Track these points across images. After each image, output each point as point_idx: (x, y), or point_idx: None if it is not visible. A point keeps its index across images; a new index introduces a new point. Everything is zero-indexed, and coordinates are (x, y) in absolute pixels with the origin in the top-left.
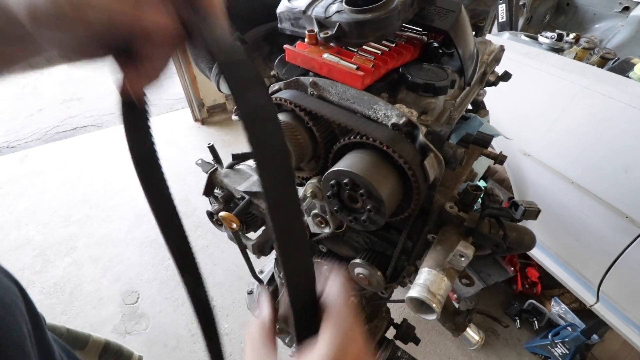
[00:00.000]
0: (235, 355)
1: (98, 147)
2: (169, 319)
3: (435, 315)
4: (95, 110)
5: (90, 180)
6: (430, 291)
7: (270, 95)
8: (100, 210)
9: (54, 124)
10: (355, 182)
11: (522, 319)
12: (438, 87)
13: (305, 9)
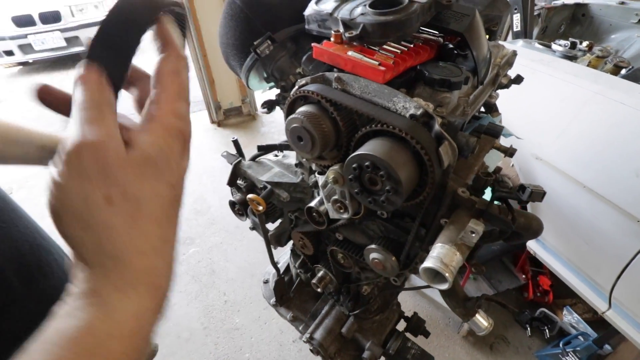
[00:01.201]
0: (245, 350)
1: None
2: (183, 312)
3: (447, 284)
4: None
5: None
6: (443, 262)
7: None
8: None
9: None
10: (376, 164)
11: (532, 327)
12: (453, 82)
13: (331, 11)
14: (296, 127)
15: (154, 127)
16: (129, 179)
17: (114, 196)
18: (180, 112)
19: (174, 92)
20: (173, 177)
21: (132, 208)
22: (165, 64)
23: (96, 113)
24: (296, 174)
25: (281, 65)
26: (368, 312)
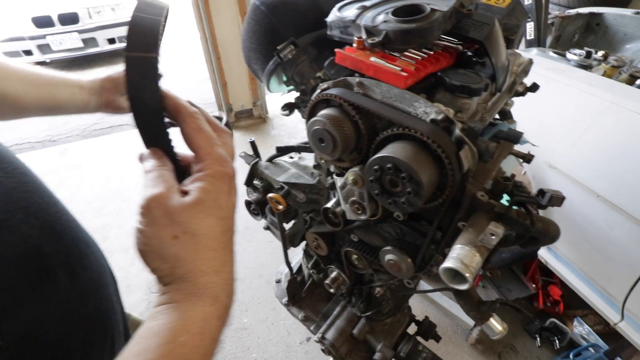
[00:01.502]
0: (252, 350)
1: (132, 145)
2: None
3: (467, 284)
4: None
5: (123, 175)
6: (463, 263)
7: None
8: (132, 203)
9: (93, 121)
10: (398, 166)
11: (542, 337)
12: (473, 88)
13: (354, 18)
14: (318, 130)
15: (202, 176)
16: (186, 219)
17: (178, 234)
18: (219, 158)
19: (206, 145)
20: (222, 212)
21: (192, 241)
22: (187, 127)
23: (158, 177)
24: (312, 175)
25: (302, 69)
26: (380, 314)
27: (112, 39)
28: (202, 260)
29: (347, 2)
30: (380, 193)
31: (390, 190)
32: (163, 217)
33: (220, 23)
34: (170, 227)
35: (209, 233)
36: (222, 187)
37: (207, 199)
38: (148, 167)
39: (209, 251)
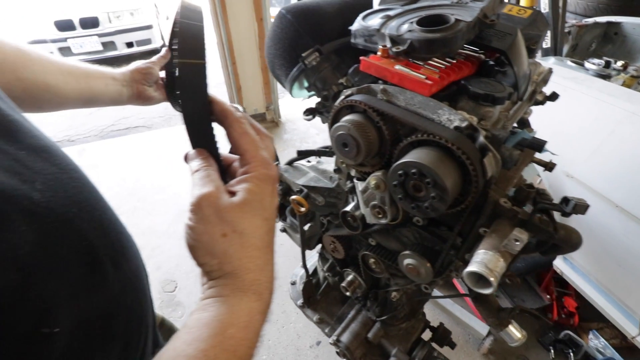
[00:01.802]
0: (262, 352)
1: (148, 146)
2: None
3: (491, 288)
4: (147, 112)
5: (138, 175)
6: (487, 267)
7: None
8: (147, 203)
9: (110, 122)
10: (422, 172)
11: (556, 349)
12: (497, 97)
13: (379, 27)
14: (342, 135)
15: (248, 178)
16: (234, 219)
17: (227, 232)
18: (263, 160)
19: (252, 148)
20: (267, 213)
21: (240, 240)
22: (233, 131)
23: (206, 177)
24: (331, 179)
25: (324, 75)
26: (395, 318)
27: (130, 42)
28: (248, 258)
29: (371, 12)
30: (404, 197)
31: (414, 195)
32: (213, 215)
33: (237, 29)
34: (220, 225)
35: (255, 232)
36: (266, 188)
37: (253, 200)
38: (195, 166)
39: (254, 250)
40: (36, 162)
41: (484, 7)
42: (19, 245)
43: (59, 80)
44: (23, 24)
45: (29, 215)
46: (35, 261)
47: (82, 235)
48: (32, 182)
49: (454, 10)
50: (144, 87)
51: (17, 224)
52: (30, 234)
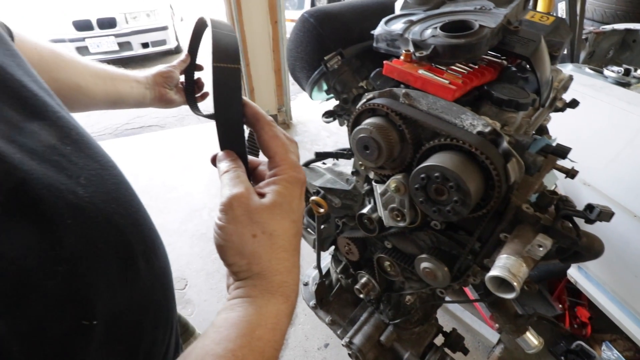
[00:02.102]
0: None
1: (161, 145)
2: (213, 309)
3: (514, 293)
4: (161, 112)
5: (151, 174)
6: (510, 272)
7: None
8: (159, 202)
9: (125, 121)
10: (446, 176)
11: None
12: (521, 103)
13: (402, 32)
14: (364, 137)
15: (278, 180)
16: (265, 220)
17: (257, 233)
18: (293, 163)
19: (282, 151)
20: (295, 215)
21: (269, 241)
22: (264, 133)
23: (236, 177)
24: (347, 181)
25: (344, 79)
26: (408, 322)
27: (145, 43)
28: (277, 259)
29: (393, 16)
30: (425, 201)
31: (435, 198)
32: (244, 215)
33: (251, 31)
34: (250, 226)
35: (284, 235)
36: (295, 191)
37: (282, 202)
38: (224, 167)
39: (282, 252)
40: (80, 158)
41: (508, 13)
42: (65, 238)
43: (89, 81)
44: (42, 24)
45: (74, 209)
46: (79, 254)
47: (120, 230)
48: (77, 177)
49: (477, 16)
50: (166, 90)
51: (64, 217)
52: (75, 227)
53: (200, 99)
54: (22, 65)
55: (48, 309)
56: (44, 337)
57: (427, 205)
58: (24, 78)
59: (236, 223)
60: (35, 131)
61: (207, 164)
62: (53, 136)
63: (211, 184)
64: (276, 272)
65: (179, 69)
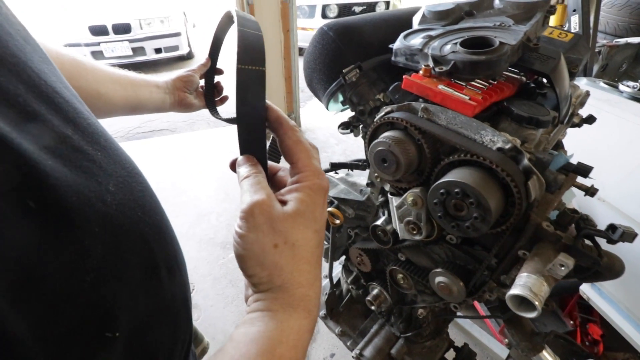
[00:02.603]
0: None
1: (171, 149)
2: (219, 314)
3: (536, 312)
4: (171, 116)
5: (161, 177)
6: (532, 291)
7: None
8: (168, 205)
9: (136, 124)
10: (466, 192)
11: None
12: (542, 120)
13: (421, 47)
14: (382, 150)
15: (300, 187)
16: (287, 229)
17: (279, 243)
18: (316, 170)
19: (305, 157)
20: (318, 225)
21: (291, 251)
22: (287, 138)
23: (257, 183)
24: (361, 192)
25: (361, 91)
26: (420, 336)
27: (158, 48)
28: (299, 271)
29: (412, 31)
30: (443, 216)
31: (455, 214)
32: (265, 224)
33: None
34: (271, 235)
35: (306, 245)
36: (318, 199)
37: (305, 210)
38: (244, 172)
39: (304, 263)
40: (109, 165)
41: (528, 30)
42: (92, 248)
43: (109, 88)
44: (59, 28)
45: (103, 217)
46: (105, 264)
47: (145, 239)
48: (107, 184)
49: (497, 33)
50: (185, 95)
51: (92, 225)
52: (102, 236)
53: (220, 102)
54: (54, 72)
55: (75, 322)
56: (69, 352)
57: (445, 220)
58: (57, 85)
59: (257, 231)
60: (69, 136)
61: (216, 168)
62: (85, 142)
63: (219, 189)
64: (298, 284)
65: (198, 73)
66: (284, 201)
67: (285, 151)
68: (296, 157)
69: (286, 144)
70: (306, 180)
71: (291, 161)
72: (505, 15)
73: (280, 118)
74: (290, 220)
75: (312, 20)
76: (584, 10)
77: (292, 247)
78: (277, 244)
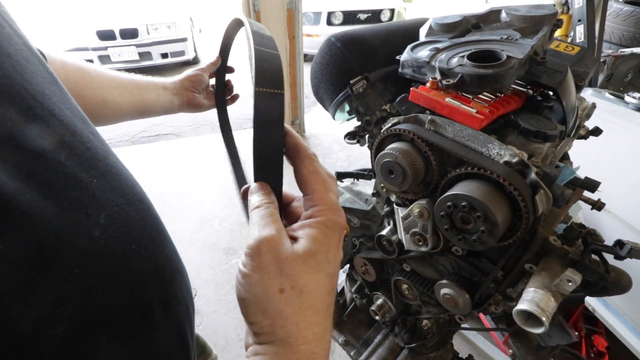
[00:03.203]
0: None
1: (175, 153)
2: (221, 320)
3: (543, 328)
4: (176, 121)
5: (165, 181)
6: (539, 306)
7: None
8: (172, 209)
9: (142, 129)
10: (473, 205)
11: None
12: (549, 135)
13: (428, 59)
14: (389, 162)
15: (314, 224)
16: (296, 272)
17: (286, 287)
18: (333, 205)
19: (321, 189)
20: (331, 268)
21: (299, 299)
22: (304, 167)
23: (268, 216)
24: (366, 201)
25: (368, 101)
26: (424, 347)
27: (165, 53)
28: (305, 323)
29: (419, 43)
30: (450, 228)
31: (461, 227)
32: (272, 264)
33: None
34: (278, 278)
35: (316, 292)
36: (333, 238)
37: (318, 251)
38: (256, 201)
39: (313, 313)
40: (105, 192)
41: (535, 44)
42: (68, 293)
43: (115, 95)
44: (68, 32)
45: (86, 256)
46: (84, 310)
47: (136, 274)
48: (97, 215)
49: (504, 46)
50: (194, 95)
51: (71, 266)
52: (83, 278)
53: (230, 101)
54: (57, 93)
55: None
56: None
57: (452, 233)
58: (56, 106)
59: (262, 272)
60: (61, 162)
61: (220, 173)
62: (79, 168)
63: (223, 194)
64: (304, 339)
65: (207, 71)
66: (295, 237)
67: (300, 181)
68: (312, 188)
69: (302, 173)
70: (321, 216)
71: (306, 192)
72: (512, 29)
73: (298, 146)
74: (301, 261)
75: (318, 27)
76: (589, 21)
77: (300, 294)
78: (284, 289)
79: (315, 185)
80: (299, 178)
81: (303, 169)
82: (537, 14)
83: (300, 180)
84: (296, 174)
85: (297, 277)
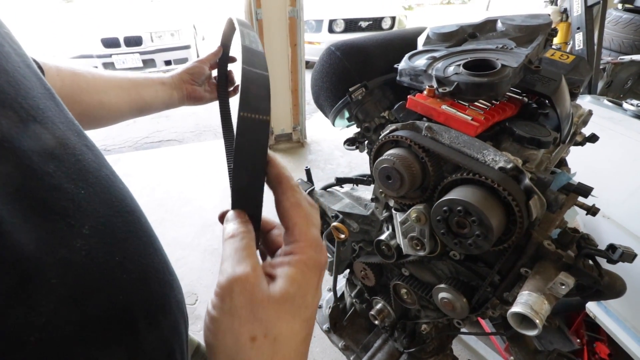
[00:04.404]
0: None
1: (178, 159)
2: None
3: (537, 330)
4: (179, 127)
5: (168, 187)
6: (533, 309)
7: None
8: (174, 215)
9: (144, 135)
10: (468, 210)
11: None
12: (543, 141)
13: (425, 68)
14: (387, 167)
15: (293, 262)
16: (270, 318)
17: (258, 336)
18: (314, 241)
19: (303, 223)
20: (308, 312)
21: (271, 349)
22: (285, 200)
23: (243, 249)
24: (365, 207)
25: (367, 108)
26: (423, 352)
27: (168, 60)
28: None
29: (417, 52)
30: (446, 233)
31: (457, 231)
32: (245, 308)
33: (272, 52)
34: (250, 324)
35: (290, 341)
36: (312, 279)
37: (296, 294)
38: (231, 230)
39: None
40: (92, 204)
41: (529, 53)
42: (44, 302)
43: (111, 96)
44: (73, 40)
45: (64, 265)
46: (58, 321)
47: (119, 286)
48: (81, 226)
49: (499, 55)
50: (194, 87)
51: (48, 276)
52: (60, 288)
53: (233, 93)
54: (52, 107)
55: None
56: None
57: (448, 237)
58: (50, 120)
59: (233, 317)
60: (49, 173)
61: (221, 179)
62: (67, 180)
63: (225, 200)
64: None
65: (208, 63)
66: (272, 275)
67: (281, 213)
68: (293, 222)
69: (283, 205)
70: (301, 253)
71: (287, 226)
72: (507, 38)
73: (281, 176)
74: (277, 305)
75: (319, 34)
76: (588, 28)
77: (272, 343)
78: (256, 337)
79: (296, 219)
80: (280, 210)
81: (285, 201)
82: (532, 24)
83: (281, 213)
84: (277, 206)
85: (272, 323)
